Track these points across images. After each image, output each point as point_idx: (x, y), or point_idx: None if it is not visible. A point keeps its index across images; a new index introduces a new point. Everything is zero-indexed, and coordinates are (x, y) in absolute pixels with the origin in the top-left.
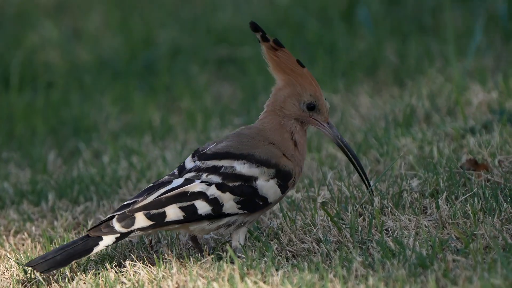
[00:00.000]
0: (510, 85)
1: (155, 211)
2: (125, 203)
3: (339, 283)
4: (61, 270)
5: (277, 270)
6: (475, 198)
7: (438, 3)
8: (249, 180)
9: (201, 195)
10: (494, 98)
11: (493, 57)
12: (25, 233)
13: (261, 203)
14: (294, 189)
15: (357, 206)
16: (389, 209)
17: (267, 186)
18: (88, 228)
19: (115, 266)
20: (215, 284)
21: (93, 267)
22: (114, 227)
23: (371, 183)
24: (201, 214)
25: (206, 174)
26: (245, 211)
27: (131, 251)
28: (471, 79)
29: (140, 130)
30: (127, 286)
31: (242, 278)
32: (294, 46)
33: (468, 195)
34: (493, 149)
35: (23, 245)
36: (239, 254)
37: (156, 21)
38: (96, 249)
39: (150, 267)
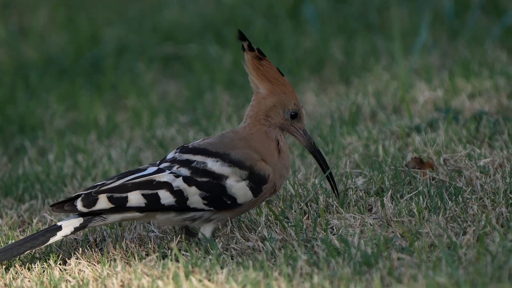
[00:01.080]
0: (455, 83)
1: (118, 195)
2: (95, 184)
3: (284, 281)
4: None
5: (222, 268)
6: (420, 197)
7: (384, 0)
8: (218, 178)
9: (166, 185)
10: (439, 96)
11: (439, 54)
12: None
13: (228, 202)
14: (274, 195)
15: (302, 204)
16: (334, 207)
17: (236, 186)
18: (51, 204)
19: (60, 263)
20: (159, 282)
21: (37, 264)
22: (76, 206)
23: (316, 181)
24: (164, 205)
25: (177, 166)
26: (211, 208)
27: (75, 249)
28: (417, 77)
29: (86, 128)
30: (72, 284)
31: (187, 276)
32: (239, 44)
33: (413, 193)
34: (438, 147)
35: None
36: (207, 243)
37: (103, 19)
38: (53, 239)
39: (94, 265)
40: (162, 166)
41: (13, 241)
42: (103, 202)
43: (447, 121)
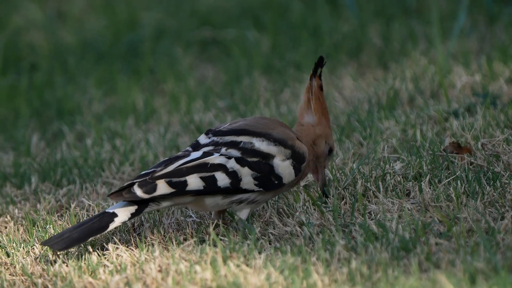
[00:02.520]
0: (493, 68)
1: (176, 179)
2: (142, 173)
3: (322, 266)
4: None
5: (259, 253)
6: (458, 181)
7: None
8: (267, 157)
9: (221, 167)
10: (477, 81)
11: (477, 39)
12: (8, 216)
13: (276, 182)
14: (303, 180)
15: (340, 189)
16: (372, 192)
17: (283, 165)
18: (109, 193)
19: (98, 248)
20: (197, 267)
21: (75, 250)
22: (135, 193)
23: (354, 165)
24: (220, 187)
25: (225, 148)
26: (261, 189)
27: (113, 234)
28: (455, 61)
29: (123, 113)
30: (110, 269)
31: (224, 261)
32: (278, 29)
33: (451, 178)
34: (476, 132)
35: (5, 227)
36: (244, 226)
37: (140, 3)
38: (112, 225)
39: (132, 250)
40: (206, 149)
41: (51, 226)
42: (163, 188)
43: (485, 106)
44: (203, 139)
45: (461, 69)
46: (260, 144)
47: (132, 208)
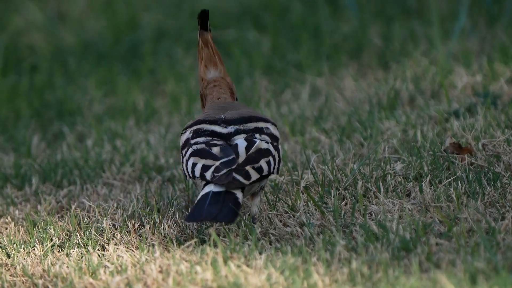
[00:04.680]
0: (494, 68)
1: (257, 165)
2: (223, 160)
3: (322, 266)
4: None
5: (260, 253)
6: (459, 182)
7: None
8: (278, 141)
9: (269, 152)
10: (478, 81)
11: (478, 39)
12: (8, 217)
13: (277, 166)
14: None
15: (340, 189)
16: (372, 192)
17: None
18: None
19: (98, 249)
20: (198, 267)
21: (76, 250)
22: (239, 180)
23: (355, 166)
24: (272, 172)
25: (257, 134)
26: (276, 173)
27: (114, 235)
28: (456, 62)
29: (124, 114)
30: (110, 269)
31: (225, 261)
32: (278, 29)
33: (451, 178)
34: (477, 132)
35: (6, 228)
36: (255, 222)
37: (140, 4)
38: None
39: (133, 250)
40: (243, 136)
41: (51, 227)
42: (253, 174)
43: (486, 106)
44: (219, 128)
45: (461, 69)
46: (273, 129)
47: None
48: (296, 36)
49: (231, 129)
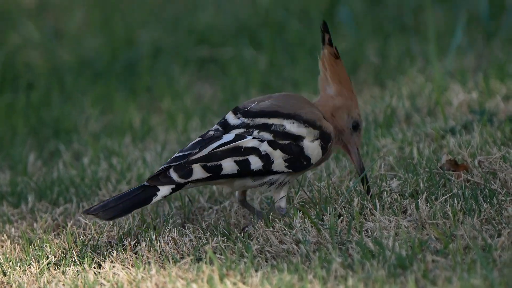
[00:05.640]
0: (490, 85)
1: (211, 164)
2: (177, 154)
3: (319, 284)
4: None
5: (256, 271)
6: (455, 199)
7: (419, 2)
8: (297, 139)
9: (255, 150)
10: (474, 98)
11: (474, 56)
12: (4, 235)
13: (304, 163)
14: (328, 159)
15: (337, 207)
16: (369, 209)
17: (312, 146)
18: (148, 178)
19: (94, 267)
20: (194, 285)
21: (72, 268)
22: (172, 177)
23: (351, 183)
24: (252, 170)
25: (257, 131)
26: (290, 170)
27: (110, 252)
28: (452, 79)
29: (120, 131)
30: (106, 287)
31: (221, 279)
32: (275, 47)
33: (448, 195)
34: (473, 149)
35: (2, 246)
36: (283, 214)
37: (138, 21)
38: (155, 199)
39: (129, 268)
40: (237, 132)
41: (47, 244)
42: (198, 172)
43: (482, 123)
44: (232, 119)
45: (458, 87)
46: (291, 126)
47: (172, 185)
48: (293, 53)
49: (239, 121)
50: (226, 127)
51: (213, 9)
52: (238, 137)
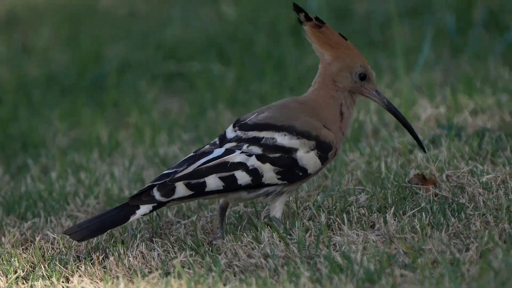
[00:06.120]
0: (458, 100)
1: (195, 181)
2: (165, 172)
3: None
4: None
5: (224, 285)
6: (423, 213)
7: (387, 17)
8: (289, 151)
9: (241, 165)
10: (442, 112)
11: (442, 71)
12: None
13: (300, 174)
14: (335, 159)
15: (305, 221)
16: (337, 224)
17: (307, 157)
18: (130, 196)
19: (63, 281)
20: None
21: (40, 282)
22: (154, 196)
23: (319, 198)
24: (240, 184)
25: (247, 145)
26: (285, 182)
27: (78, 267)
28: (420, 93)
29: (88, 146)
30: None
31: None
32: (243, 62)
33: (415, 210)
34: (441, 164)
35: None
36: (278, 224)
37: (106, 36)
38: (133, 218)
39: (97, 282)
40: (228, 146)
41: (16, 259)
42: (181, 190)
43: (450, 138)
44: (229, 132)
45: (425, 101)
46: (282, 139)
47: (154, 204)
48: (260, 68)
49: (234, 134)
50: (223, 140)
51: (180, 24)
52: (228, 151)
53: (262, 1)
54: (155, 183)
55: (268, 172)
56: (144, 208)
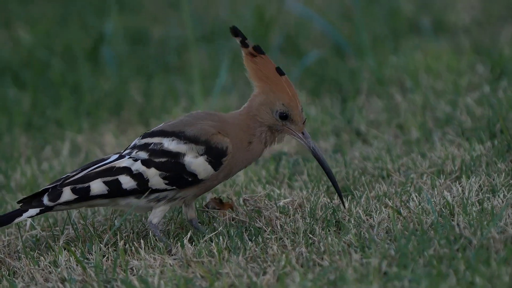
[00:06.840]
0: None
1: (80, 186)
2: (63, 176)
3: None
4: None
5: None
6: (220, 237)
7: (183, 42)
8: (176, 156)
9: (126, 170)
10: None
11: (238, 95)
12: None
13: (190, 179)
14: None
15: (102, 246)
16: (134, 248)
17: (195, 162)
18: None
19: None
20: None
21: None
22: (43, 201)
23: (116, 221)
24: (126, 189)
25: (136, 150)
26: (174, 187)
27: None
28: None
29: None
30: None
31: None
32: (38, 86)
33: (213, 234)
34: (238, 187)
35: None
36: (154, 230)
37: None
38: (18, 219)
39: None
40: (124, 152)
41: None
42: (67, 195)
43: None
44: (136, 140)
45: None
46: (169, 144)
47: (41, 207)
48: (56, 93)
49: (133, 142)
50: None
51: None
52: (121, 157)
53: (57, 25)
54: (49, 186)
55: (154, 176)
56: (32, 211)
